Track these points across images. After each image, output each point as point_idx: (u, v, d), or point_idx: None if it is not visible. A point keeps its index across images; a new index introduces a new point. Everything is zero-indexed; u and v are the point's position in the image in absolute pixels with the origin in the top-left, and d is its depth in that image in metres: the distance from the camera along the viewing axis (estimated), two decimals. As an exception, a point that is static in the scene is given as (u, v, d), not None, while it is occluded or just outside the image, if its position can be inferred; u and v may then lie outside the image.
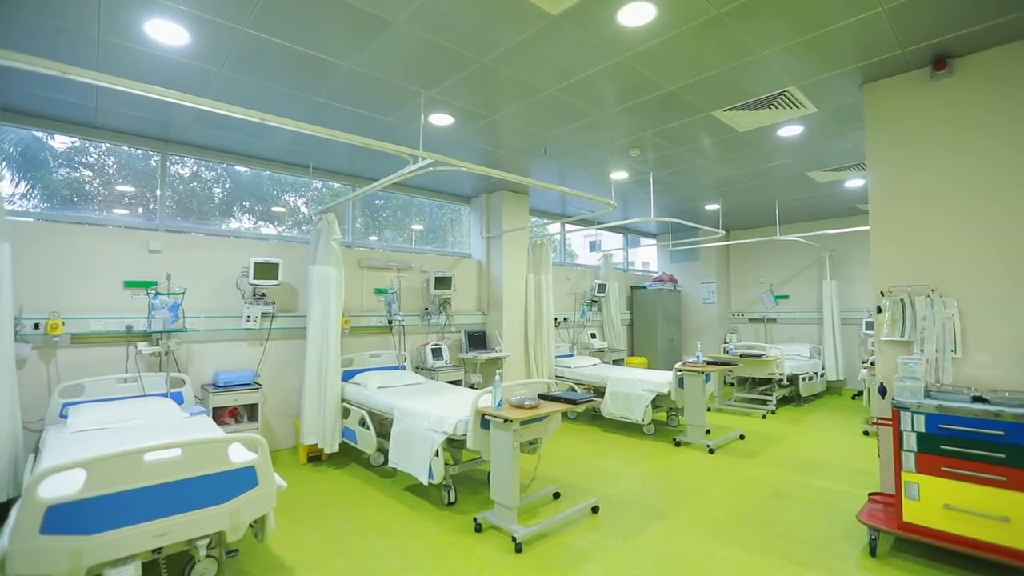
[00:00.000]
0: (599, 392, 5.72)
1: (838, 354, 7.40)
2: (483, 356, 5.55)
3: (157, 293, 3.77)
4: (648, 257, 10.08)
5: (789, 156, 4.76)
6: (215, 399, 3.88)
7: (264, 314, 4.45)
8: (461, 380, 5.39)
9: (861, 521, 2.79)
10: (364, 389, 4.35)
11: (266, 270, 4.28)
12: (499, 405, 3.05)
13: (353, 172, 5.26)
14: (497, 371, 3.67)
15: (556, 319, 6.99)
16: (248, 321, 4.33)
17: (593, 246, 11.74)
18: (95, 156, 4.16)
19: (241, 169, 4.89)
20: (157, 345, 3.79)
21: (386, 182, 3.54)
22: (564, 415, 5.93)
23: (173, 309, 3.68)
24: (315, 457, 4.43)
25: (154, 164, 4.31)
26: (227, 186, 4.88)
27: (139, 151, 4.26)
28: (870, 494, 3.05)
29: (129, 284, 3.87)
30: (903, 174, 3.11)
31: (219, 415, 3.99)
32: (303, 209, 5.35)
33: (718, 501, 3.48)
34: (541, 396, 3.40)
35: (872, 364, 5.35)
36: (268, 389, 4.55)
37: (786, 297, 8.31)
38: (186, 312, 4.05)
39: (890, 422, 2.83)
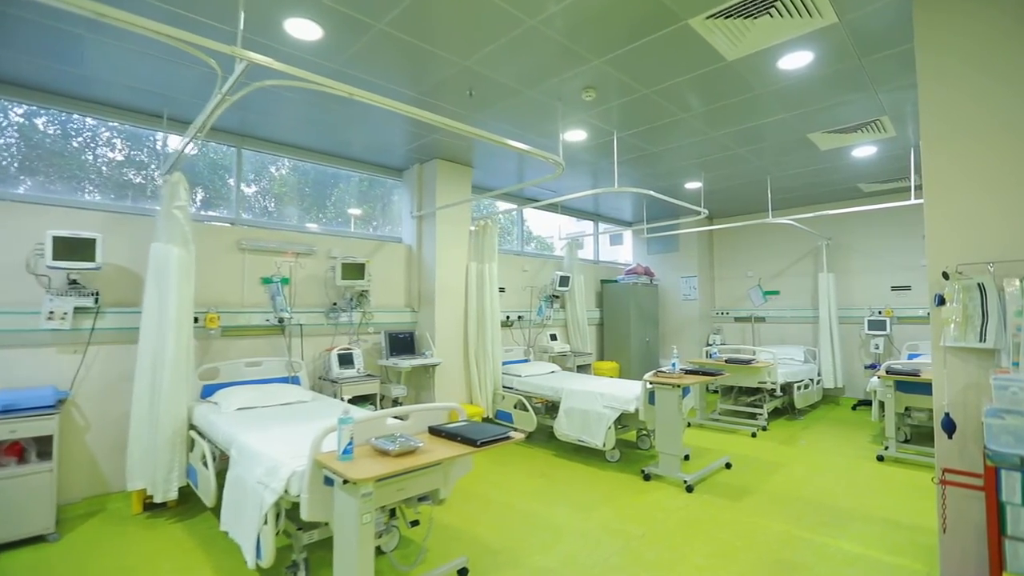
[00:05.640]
0: (554, 407, 4.60)
1: (836, 358, 6.39)
2: (406, 363, 4.39)
3: None
4: (628, 255, 8.93)
5: (789, 107, 3.70)
6: (-23, 431, 2.66)
7: (80, 309, 3.23)
8: (376, 395, 4.21)
9: (928, 645, 1.71)
10: (215, 411, 3.16)
11: (76, 248, 3.06)
12: (347, 452, 1.90)
13: (235, 129, 4.05)
14: (342, 396, 2.52)
15: (507, 317, 5.85)
16: (52, 319, 3.11)
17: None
18: None
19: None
20: None
21: (201, 122, 2.37)
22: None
23: None
24: (156, 503, 3.23)
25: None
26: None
27: None
28: (934, 590, 1.98)
29: None
30: (973, 99, 2.05)
31: (-10, 453, 2.78)
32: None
33: (697, 581, 2.38)
34: (433, 431, 2.27)
35: (885, 372, 4.32)
36: (92, 412, 3.33)
37: (776, 293, 7.30)
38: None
39: (976, 483, 1.75)
